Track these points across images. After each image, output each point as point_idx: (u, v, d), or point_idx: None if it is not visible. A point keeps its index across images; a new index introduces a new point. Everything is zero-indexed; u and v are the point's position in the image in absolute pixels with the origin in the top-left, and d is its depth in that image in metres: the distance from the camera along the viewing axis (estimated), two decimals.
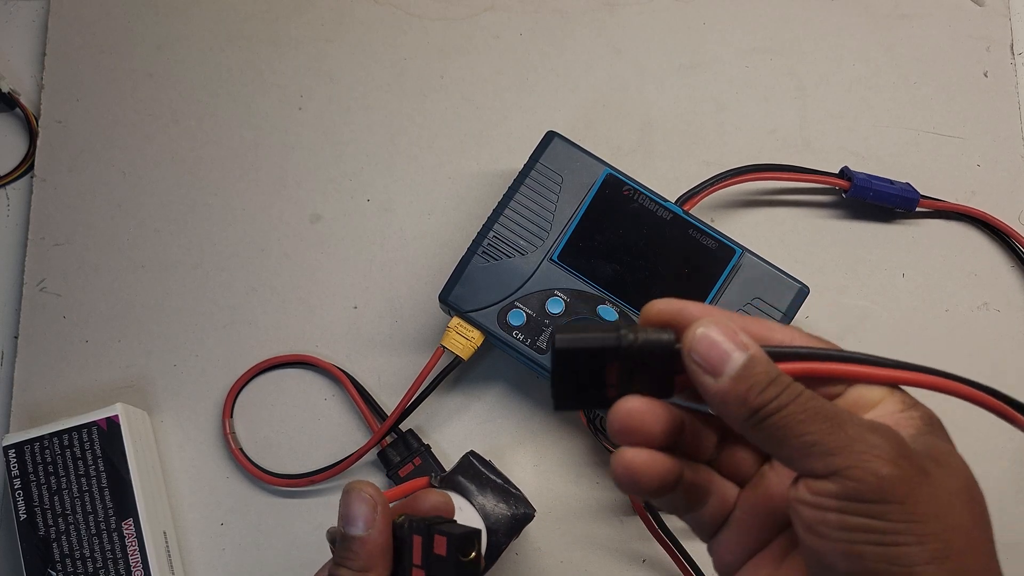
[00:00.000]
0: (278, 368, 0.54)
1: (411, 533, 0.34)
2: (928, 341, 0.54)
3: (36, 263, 0.55)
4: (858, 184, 0.53)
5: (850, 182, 0.53)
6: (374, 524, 0.34)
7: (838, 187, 0.54)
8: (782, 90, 0.58)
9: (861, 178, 0.54)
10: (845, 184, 0.54)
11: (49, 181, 0.56)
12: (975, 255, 0.56)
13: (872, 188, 0.53)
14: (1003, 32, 0.59)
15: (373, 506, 0.34)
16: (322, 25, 0.59)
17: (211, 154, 0.57)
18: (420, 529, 0.34)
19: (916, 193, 0.54)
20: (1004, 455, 0.52)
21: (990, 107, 0.57)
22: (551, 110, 0.57)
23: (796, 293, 0.49)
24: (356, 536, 0.34)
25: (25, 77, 0.59)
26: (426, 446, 0.51)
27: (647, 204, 0.50)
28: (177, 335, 0.54)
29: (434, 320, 0.54)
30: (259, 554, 0.52)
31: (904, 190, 0.54)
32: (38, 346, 0.54)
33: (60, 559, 0.48)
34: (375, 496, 0.34)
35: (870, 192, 0.53)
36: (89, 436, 0.49)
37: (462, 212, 0.56)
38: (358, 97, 0.58)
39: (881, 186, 0.54)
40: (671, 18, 0.59)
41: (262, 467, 0.52)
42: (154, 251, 0.55)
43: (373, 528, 0.34)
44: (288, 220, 0.56)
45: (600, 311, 0.49)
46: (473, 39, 0.59)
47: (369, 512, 0.34)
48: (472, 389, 0.54)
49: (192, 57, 0.58)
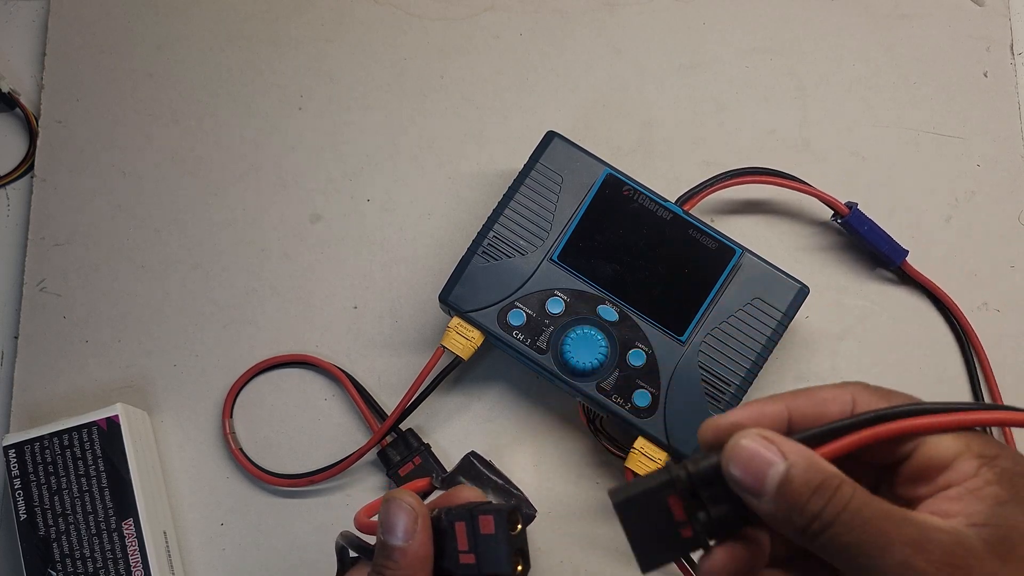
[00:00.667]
0: (278, 368, 0.54)
1: (452, 521, 0.34)
2: (928, 341, 0.54)
3: (36, 263, 0.55)
4: (854, 215, 0.52)
5: (850, 211, 0.53)
6: (414, 535, 0.34)
7: (835, 209, 0.53)
8: (782, 90, 0.58)
9: (859, 214, 0.53)
10: (844, 210, 0.53)
11: (49, 181, 0.56)
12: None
13: (866, 226, 0.52)
14: (1003, 32, 0.59)
15: (414, 517, 0.34)
16: (322, 25, 0.59)
17: (211, 154, 0.57)
18: (461, 515, 0.34)
19: (903, 254, 0.53)
20: None
21: (990, 107, 0.57)
22: (551, 110, 0.57)
23: (796, 293, 0.49)
24: (396, 546, 0.34)
25: (25, 77, 0.59)
26: (426, 445, 0.51)
27: (647, 204, 0.50)
28: (177, 335, 0.54)
29: (434, 320, 0.54)
30: (259, 554, 0.52)
31: (893, 247, 0.53)
32: (38, 346, 0.54)
33: (60, 559, 0.48)
34: (416, 507, 0.34)
35: (865, 227, 0.53)
36: (89, 436, 0.49)
37: (462, 212, 0.56)
38: (358, 97, 0.58)
39: (875, 230, 0.53)
40: (671, 18, 0.59)
41: (262, 467, 0.52)
42: (154, 251, 0.55)
43: (413, 539, 0.34)
44: (288, 220, 0.56)
45: (600, 311, 0.49)
46: (473, 39, 0.59)
47: (410, 522, 0.34)
48: (472, 389, 0.54)
49: (192, 57, 0.58)
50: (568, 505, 0.52)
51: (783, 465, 0.26)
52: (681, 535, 0.28)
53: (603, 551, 0.51)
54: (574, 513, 0.52)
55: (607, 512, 0.52)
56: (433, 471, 0.51)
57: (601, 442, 0.51)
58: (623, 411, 0.48)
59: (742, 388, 0.48)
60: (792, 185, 0.53)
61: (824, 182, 0.54)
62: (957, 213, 0.56)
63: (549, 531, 0.52)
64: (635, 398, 0.48)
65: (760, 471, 0.26)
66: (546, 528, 0.52)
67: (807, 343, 0.54)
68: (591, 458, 0.53)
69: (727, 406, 0.48)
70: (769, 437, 0.27)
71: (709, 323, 0.48)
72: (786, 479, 0.26)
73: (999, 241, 0.56)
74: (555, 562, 0.51)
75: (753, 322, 0.48)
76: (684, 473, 0.28)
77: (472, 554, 0.33)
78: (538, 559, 0.51)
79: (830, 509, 0.26)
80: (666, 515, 0.28)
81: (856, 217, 0.53)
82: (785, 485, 0.26)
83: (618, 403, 0.48)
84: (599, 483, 0.52)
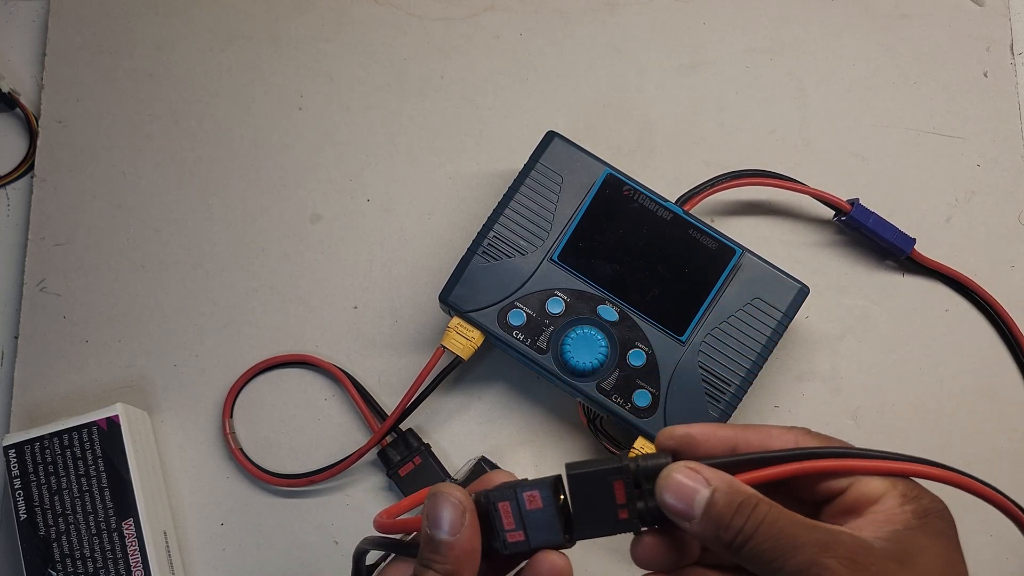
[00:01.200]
0: (278, 368, 0.54)
1: (495, 502, 0.34)
2: (928, 341, 0.54)
3: (36, 263, 0.55)
4: (857, 210, 0.53)
5: (851, 207, 0.53)
6: (462, 528, 0.34)
7: (837, 208, 0.53)
8: (782, 90, 0.58)
9: (863, 209, 0.53)
10: (847, 207, 0.53)
11: (49, 181, 0.56)
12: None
13: (871, 219, 0.53)
14: (1003, 32, 0.59)
15: (461, 511, 0.34)
16: (322, 25, 0.59)
17: (211, 154, 0.57)
18: (504, 495, 0.34)
19: (911, 243, 0.53)
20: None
21: (990, 107, 0.57)
22: (551, 110, 0.57)
23: (796, 293, 0.49)
24: (443, 540, 0.34)
25: (25, 77, 0.59)
26: (426, 445, 0.51)
27: (647, 204, 0.50)
28: (177, 335, 0.54)
29: (434, 320, 0.54)
30: (259, 554, 0.52)
31: (900, 237, 0.53)
32: (38, 346, 0.54)
33: (60, 559, 0.48)
34: (463, 500, 0.34)
35: (869, 222, 0.53)
36: (89, 436, 0.49)
37: (462, 212, 0.56)
38: (358, 97, 0.58)
39: (881, 222, 0.53)
40: (671, 18, 0.59)
41: (262, 467, 0.52)
42: (154, 251, 0.55)
43: (461, 532, 0.34)
44: (288, 220, 0.56)
45: (600, 311, 0.49)
46: (473, 39, 0.59)
47: (457, 516, 0.34)
48: (472, 389, 0.54)
49: (192, 57, 0.58)
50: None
51: (707, 491, 0.30)
52: (618, 516, 0.32)
53: (603, 551, 0.51)
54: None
55: None
56: (435, 471, 0.51)
57: (601, 442, 0.51)
58: (623, 411, 0.48)
59: (742, 388, 0.48)
60: (792, 187, 0.53)
61: (824, 182, 0.54)
62: (957, 213, 0.56)
63: None
64: (635, 398, 0.48)
65: (688, 497, 0.30)
66: None
67: (807, 343, 0.54)
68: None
69: (727, 406, 0.48)
70: (695, 468, 0.31)
71: (709, 323, 0.48)
72: (711, 502, 0.30)
73: (999, 241, 0.56)
74: None
75: (753, 322, 0.48)
76: (634, 465, 0.32)
77: (520, 531, 0.34)
78: None
79: (750, 523, 0.29)
80: (609, 496, 0.32)
81: (860, 212, 0.53)
82: (711, 507, 0.30)
83: (618, 403, 0.48)
84: None
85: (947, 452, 0.52)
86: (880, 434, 0.53)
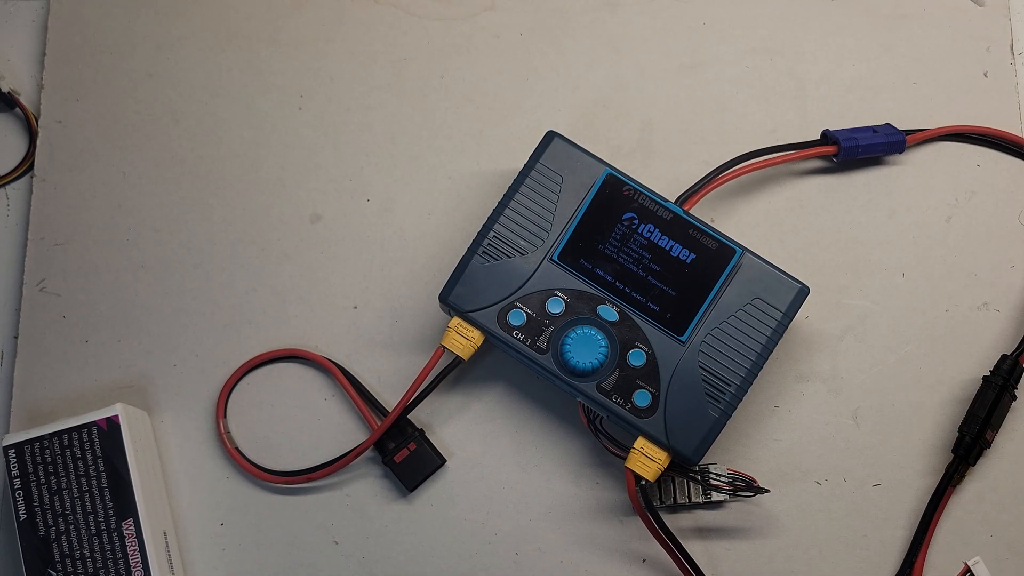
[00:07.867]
0: (272, 364, 0.54)
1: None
2: (928, 341, 0.54)
3: (36, 263, 0.55)
4: (845, 146, 0.54)
5: (837, 145, 0.54)
6: None
7: (828, 154, 0.55)
8: (782, 90, 0.58)
9: (845, 137, 0.54)
10: (832, 149, 0.54)
11: (49, 181, 0.56)
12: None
13: (859, 144, 0.54)
14: (1003, 32, 0.59)
15: None
16: (322, 25, 0.59)
17: (211, 154, 0.57)
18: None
19: (900, 134, 0.55)
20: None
21: (990, 107, 0.57)
22: (551, 110, 0.57)
23: (796, 293, 0.49)
24: None
25: (25, 77, 0.59)
26: (420, 431, 0.52)
27: (647, 204, 0.50)
28: (177, 335, 0.54)
29: (434, 320, 0.54)
30: (259, 554, 0.52)
31: (889, 135, 0.55)
32: (38, 346, 0.54)
33: (60, 559, 0.48)
34: None
35: (859, 149, 0.54)
36: (89, 436, 0.49)
37: (462, 212, 0.56)
38: (358, 97, 0.58)
39: (867, 139, 0.54)
40: (671, 18, 0.59)
41: (261, 465, 0.52)
42: (154, 251, 0.55)
43: None
44: (288, 220, 0.56)
45: (600, 311, 0.49)
46: (473, 39, 0.59)
47: None
48: (472, 389, 0.54)
49: (192, 57, 0.58)
50: (568, 505, 0.52)
51: None
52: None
53: (603, 551, 0.51)
54: (574, 513, 0.52)
55: (607, 512, 0.52)
56: (430, 457, 0.51)
57: (601, 442, 0.51)
58: (623, 411, 0.48)
59: (742, 388, 0.48)
60: (780, 159, 0.54)
61: None
62: (957, 213, 0.56)
63: (549, 531, 0.52)
64: (635, 398, 0.48)
65: None
66: (546, 528, 0.52)
67: (807, 343, 0.54)
68: (591, 458, 0.53)
69: (727, 406, 0.48)
70: None
71: (709, 323, 0.48)
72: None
73: (999, 241, 0.56)
74: (555, 562, 0.51)
75: (753, 322, 0.48)
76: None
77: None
78: (538, 559, 0.51)
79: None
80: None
81: (845, 141, 0.54)
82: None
83: (618, 403, 0.48)
84: (599, 483, 0.52)
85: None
86: (880, 434, 0.53)
